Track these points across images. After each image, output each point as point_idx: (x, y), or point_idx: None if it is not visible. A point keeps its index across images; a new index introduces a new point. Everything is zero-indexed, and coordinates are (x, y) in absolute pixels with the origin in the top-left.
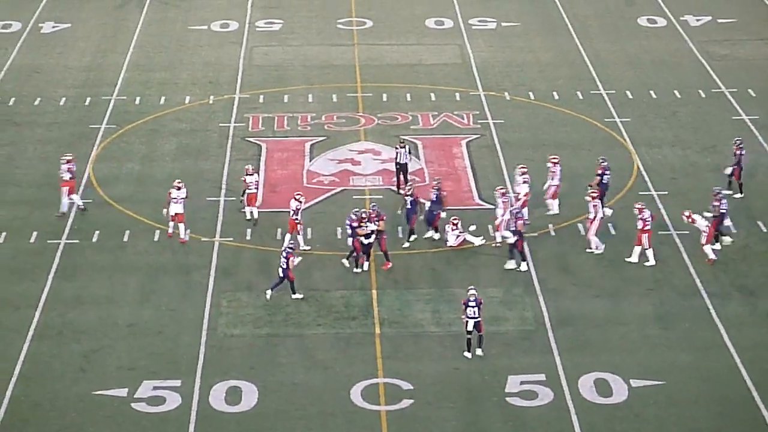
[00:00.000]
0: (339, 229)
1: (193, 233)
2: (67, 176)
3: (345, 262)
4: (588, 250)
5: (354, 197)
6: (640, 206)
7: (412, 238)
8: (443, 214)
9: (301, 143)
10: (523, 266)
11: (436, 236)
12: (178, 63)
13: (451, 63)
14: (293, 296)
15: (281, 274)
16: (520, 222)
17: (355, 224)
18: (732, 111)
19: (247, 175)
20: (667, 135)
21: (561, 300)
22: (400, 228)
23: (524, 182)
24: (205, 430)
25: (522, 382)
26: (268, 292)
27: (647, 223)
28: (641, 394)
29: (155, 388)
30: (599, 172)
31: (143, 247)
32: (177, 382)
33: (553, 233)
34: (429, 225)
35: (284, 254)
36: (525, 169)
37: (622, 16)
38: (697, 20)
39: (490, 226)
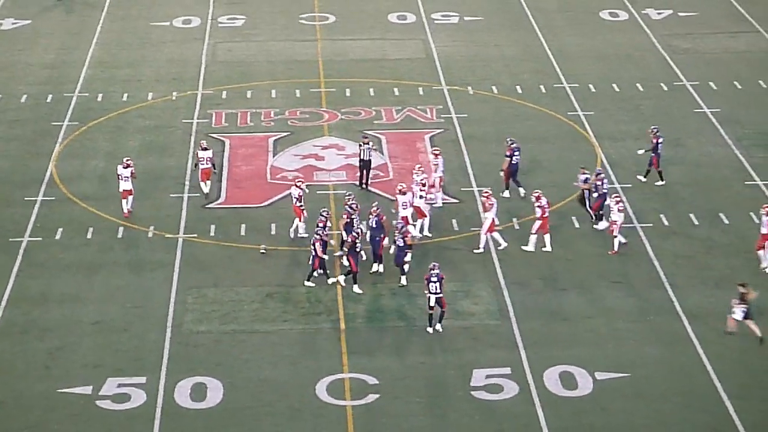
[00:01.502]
0: (303, 224)
1: (157, 230)
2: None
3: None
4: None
5: (318, 192)
6: (537, 194)
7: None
8: (385, 241)
9: (265, 139)
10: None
11: (381, 269)
12: (140, 60)
13: (415, 58)
14: (306, 283)
15: (311, 261)
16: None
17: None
18: (694, 104)
19: (200, 149)
20: (630, 128)
21: (526, 294)
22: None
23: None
24: (171, 427)
25: (488, 376)
26: (331, 279)
27: (545, 210)
28: (606, 387)
29: (120, 385)
30: (508, 153)
31: (108, 245)
32: (142, 379)
33: (517, 227)
34: (374, 256)
35: (312, 240)
36: (437, 151)
37: (584, 10)
38: (659, 14)
39: (454, 221)
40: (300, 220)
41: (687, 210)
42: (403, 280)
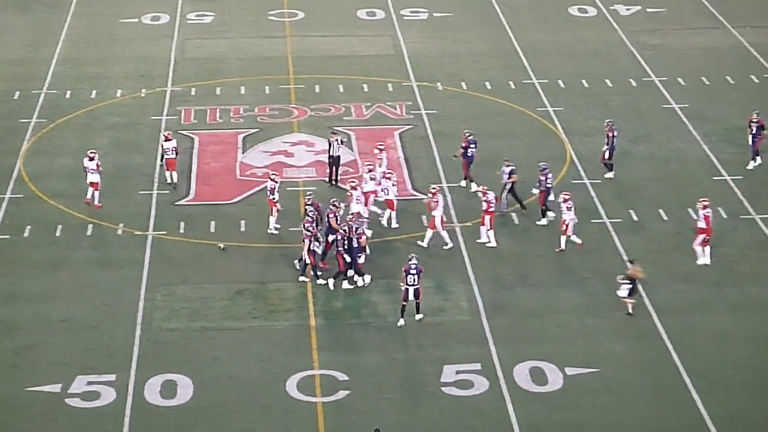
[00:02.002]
0: (274, 219)
1: (126, 227)
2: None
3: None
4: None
5: (288, 189)
6: (483, 189)
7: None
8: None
9: (234, 135)
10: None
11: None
12: (109, 56)
13: (384, 54)
14: (300, 278)
15: (305, 256)
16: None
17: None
18: (662, 100)
19: (165, 140)
20: (599, 124)
21: (496, 290)
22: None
23: (371, 179)
24: (141, 425)
25: (458, 372)
26: (321, 281)
27: (491, 204)
28: (576, 382)
29: (90, 383)
30: (464, 145)
31: (76, 242)
32: (112, 377)
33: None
34: (323, 253)
35: (303, 236)
36: (382, 146)
37: (553, 6)
38: (627, 9)
39: (424, 217)
40: (271, 214)
41: (656, 205)
42: (360, 281)
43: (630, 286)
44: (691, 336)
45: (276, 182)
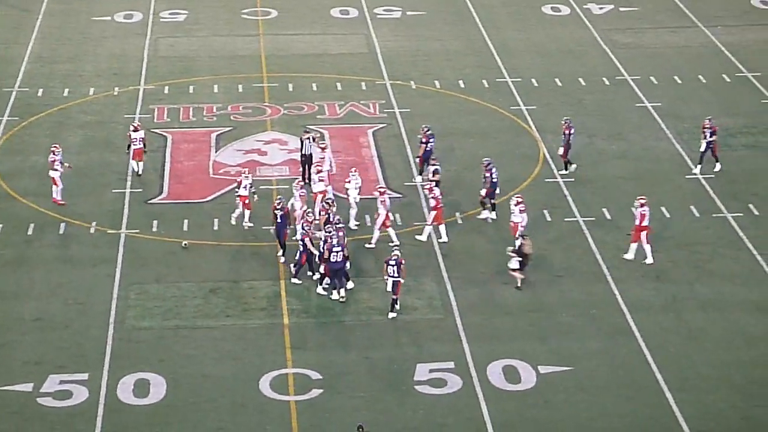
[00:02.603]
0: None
1: (99, 226)
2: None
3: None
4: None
5: (261, 187)
6: (430, 186)
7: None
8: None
9: (207, 134)
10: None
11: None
12: (81, 54)
13: (357, 52)
14: (293, 280)
15: (298, 257)
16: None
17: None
18: (635, 98)
19: (132, 130)
20: (573, 123)
21: (469, 288)
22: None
23: (320, 179)
24: (114, 424)
25: (431, 370)
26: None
27: (439, 200)
28: (550, 381)
29: (62, 382)
30: (424, 140)
31: (49, 241)
32: (84, 376)
33: (460, 221)
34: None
35: (301, 235)
36: (324, 145)
37: (527, 5)
38: (600, 8)
39: (398, 215)
40: (239, 209)
41: (629, 204)
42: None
43: (519, 259)
44: (664, 334)
45: (248, 178)
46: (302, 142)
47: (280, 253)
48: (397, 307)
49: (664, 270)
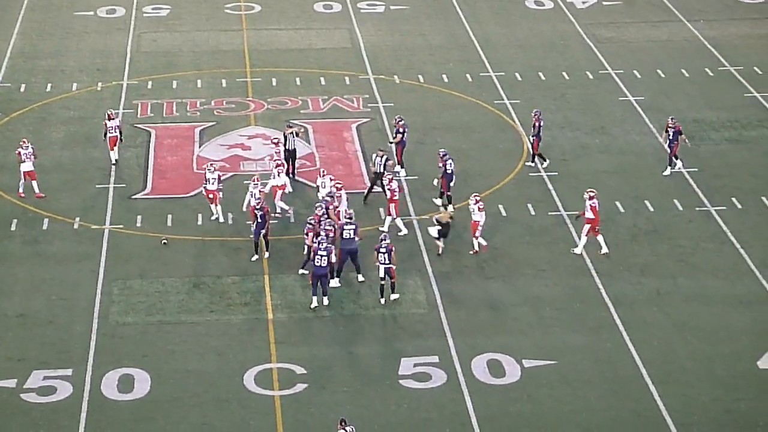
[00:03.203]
0: (231, 214)
1: (83, 221)
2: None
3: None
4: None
5: (245, 182)
6: (390, 177)
7: (266, 255)
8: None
9: (191, 129)
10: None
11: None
12: (64, 50)
13: (341, 47)
14: (300, 271)
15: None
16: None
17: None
18: (619, 92)
19: (108, 119)
20: (556, 117)
21: (453, 282)
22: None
23: (278, 173)
24: (97, 419)
25: (415, 365)
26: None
27: (395, 193)
28: (534, 375)
29: (46, 378)
30: (401, 130)
31: (32, 237)
32: (68, 372)
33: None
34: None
35: (306, 229)
36: (276, 140)
37: None
38: (583, 3)
39: (381, 209)
40: (217, 203)
41: (612, 197)
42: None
43: (439, 228)
44: (647, 328)
45: (213, 171)
46: (286, 137)
47: (255, 257)
48: (394, 295)
49: (648, 264)
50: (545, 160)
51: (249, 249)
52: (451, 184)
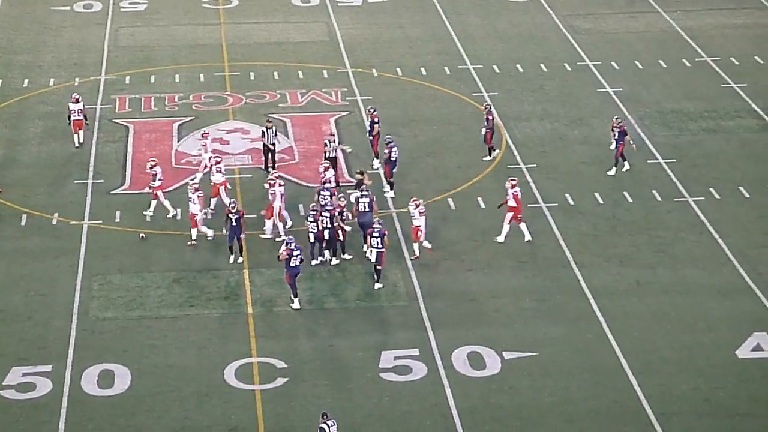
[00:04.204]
0: (210, 209)
1: (61, 217)
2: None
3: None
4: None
5: (225, 177)
6: (326, 165)
7: (240, 259)
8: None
9: (169, 124)
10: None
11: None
12: (41, 45)
13: (318, 41)
14: (313, 262)
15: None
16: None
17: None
18: (597, 84)
19: (72, 102)
20: (535, 108)
21: (433, 274)
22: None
23: (217, 171)
24: (78, 415)
25: (396, 357)
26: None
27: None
28: (514, 366)
29: (25, 374)
30: (376, 120)
31: (10, 233)
32: (48, 368)
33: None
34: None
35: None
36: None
37: None
38: None
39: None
40: (160, 198)
41: (591, 189)
42: (232, 259)
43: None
44: (627, 318)
45: (155, 165)
46: (265, 132)
47: (231, 259)
48: (378, 284)
49: (627, 254)
50: (493, 151)
51: (226, 242)
52: (394, 170)
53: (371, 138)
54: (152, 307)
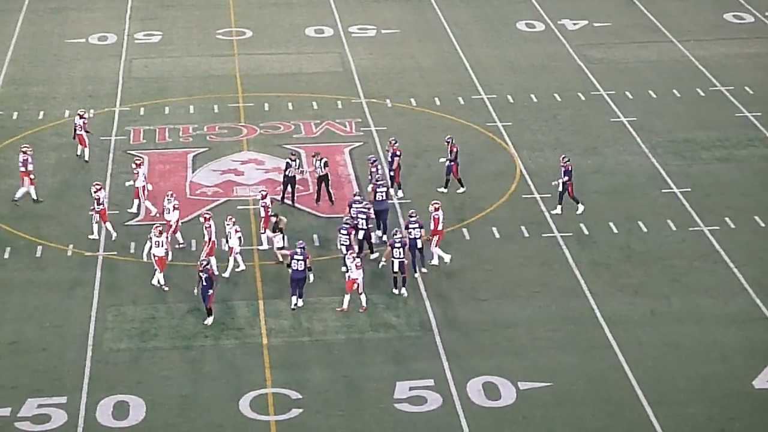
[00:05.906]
0: (224, 240)
1: (76, 248)
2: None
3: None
4: (433, 263)
5: (238, 207)
6: (264, 193)
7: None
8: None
9: (184, 155)
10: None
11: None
12: (56, 77)
13: (332, 71)
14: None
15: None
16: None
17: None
18: (610, 113)
19: (79, 118)
20: (548, 138)
21: (447, 305)
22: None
23: (174, 209)
24: None
25: (411, 388)
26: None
27: (268, 209)
28: (529, 396)
29: (40, 405)
30: (398, 153)
31: (25, 264)
32: (63, 399)
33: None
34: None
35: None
36: (139, 161)
37: (500, 21)
38: (574, 24)
39: (379, 232)
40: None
41: (605, 218)
42: (209, 320)
43: (281, 235)
44: (642, 348)
45: (99, 190)
46: (290, 164)
47: (208, 320)
48: (403, 290)
49: (641, 284)
50: (463, 186)
51: (243, 274)
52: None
53: (392, 171)
54: (166, 338)
